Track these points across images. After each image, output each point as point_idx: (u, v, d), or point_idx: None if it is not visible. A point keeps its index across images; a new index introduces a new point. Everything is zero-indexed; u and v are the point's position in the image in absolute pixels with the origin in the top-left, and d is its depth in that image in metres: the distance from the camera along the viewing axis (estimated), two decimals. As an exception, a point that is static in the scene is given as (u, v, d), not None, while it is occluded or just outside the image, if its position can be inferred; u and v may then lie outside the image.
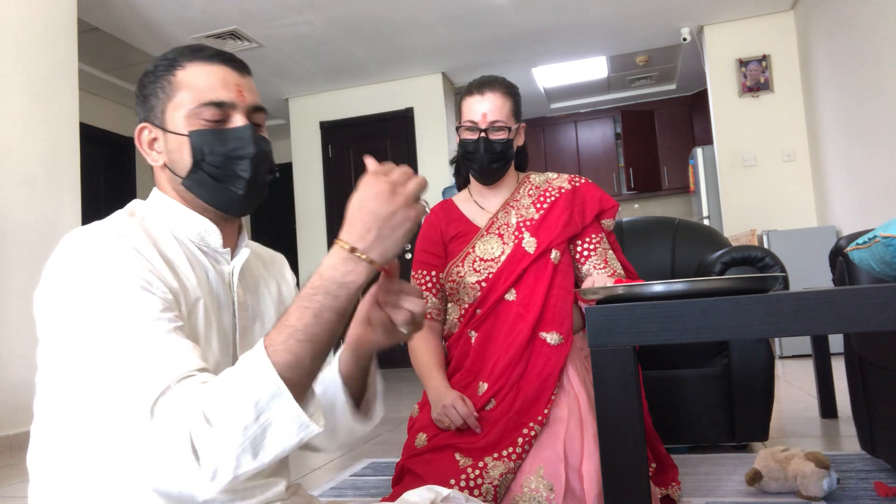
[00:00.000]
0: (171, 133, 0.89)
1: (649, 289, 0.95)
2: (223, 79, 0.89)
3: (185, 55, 0.90)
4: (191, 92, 0.88)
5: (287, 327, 0.73)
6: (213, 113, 0.88)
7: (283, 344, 0.72)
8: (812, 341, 2.72)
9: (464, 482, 1.38)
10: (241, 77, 0.91)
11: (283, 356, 0.71)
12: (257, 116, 0.92)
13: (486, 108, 1.63)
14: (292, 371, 0.71)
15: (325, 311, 0.73)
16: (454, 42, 5.45)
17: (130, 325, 0.74)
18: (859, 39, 4.04)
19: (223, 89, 0.88)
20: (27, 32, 3.34)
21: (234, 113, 0.89)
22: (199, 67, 0.89)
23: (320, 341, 0.74)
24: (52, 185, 3.40)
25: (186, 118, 0.88)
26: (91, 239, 0.80)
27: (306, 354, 0.72)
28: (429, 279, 1.72)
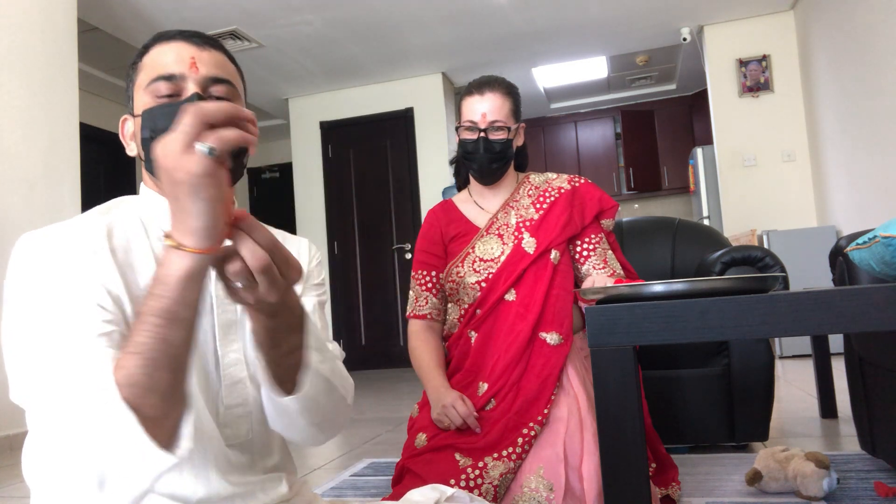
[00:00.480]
0: (136, 117, 0.88)
1: (649, 289, 0.95)
2: (178, 53, 0.87)
3: (153, 40, 0.90)
4: (147, 71, 0.87)
5: (126, 342, 0.68)
6: (164, 87, 0.85)
7: (120, 360, 0.67)
8: (812, 341, 2.72)
9: (464, 482, 1.38)
10: (201, 50, 0.88)
11: (120, 374, 0.66)
12: (217, 88, 0.87)
13: (485, 107, 1.63)
14: (130, 390, 0.65)
15: (149, 314, 0.65)
16: (454, 42, 5.45)
17: (56, 338, 0.72)
18: (859, 39, 4.04)
19: (175, 63, 0.86)
20: (27, 32, 3.34)
21: (185, 85, 0.86)
22: (161, 47, 0.88)
23: (151, 354, 0.65)
24: (52, 185, 3.39)
25: (144, 99, 0.87)
26: (35, 244, 0.79)
27: (137, 370, 0.65)
28: (429, 279, 1.72)
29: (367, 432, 3.04)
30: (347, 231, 6.25)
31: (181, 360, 0.67)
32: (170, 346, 0.66)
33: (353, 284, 6.20)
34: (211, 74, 0.87)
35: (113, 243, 0.83)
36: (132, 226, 0.87)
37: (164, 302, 0.64)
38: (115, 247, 0.83)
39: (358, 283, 6.20)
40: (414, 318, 1.72)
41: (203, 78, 0.86)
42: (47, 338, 0.73)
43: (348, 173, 6.30)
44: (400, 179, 6.18)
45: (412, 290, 1.75)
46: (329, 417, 0.90)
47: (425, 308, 1.71)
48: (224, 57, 0.91)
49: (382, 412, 3.61)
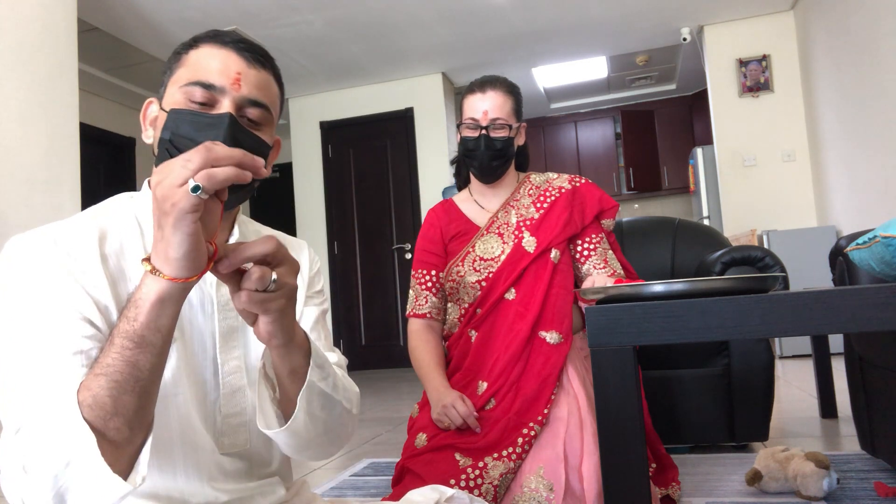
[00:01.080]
0: (162, 110, 0.85)
1: (649, 289, 0.95)
2: (226, 63, 0.83)
3: (207, 37, 0.86)
4: (189, 70, 0.84)
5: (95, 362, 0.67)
6: (200, 94, 0.82)
7: (86, 380, 0.66)
8: (812, 341, 2.72)
9: (464, 482, 1.38)
10: (249, 67, 0.85)
11: (84, 394, 0.65)
12: (252, 111, 0.84)
13: (487, 105, 1.63)
14: (93, 412, 0.64)
15: (119, 336, 0.65)
16: (454, 42, 5.45)
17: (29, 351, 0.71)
18: (859, 39, 4.03)
19: (220, 73, 0.82)
20: (27, 32, 3.34)
21: (222, 99, 0.82)
22: (211, 49, 0.85)
23: (118, 376, 0.64)
24: (52, 185, 3.39)
25: (176, 96, 0.84)
26: (20, 250, 0.78)
27: (102, 392, 0.64)
28: (428, 278, 1.72)
29: (367, 432, 3.04)
30: (347, 231, 6.25)
31: (148, 385, 0.66)
32: (137, 371, 0.65)
33: (353, 284, 6.20)
34: (251, 96, 0.84)
35: (105, 249, 0.81)
36: (127, 228, 0.85)
37: (135, 325, 0.64)
38: (106, 253, 0.81)
39: (358, 283, 6.19)
40: (414, 317, 1.72)
41: (241, 98, 0.83)
42: (21, 351, 0.72)
43: (348, 173, 6.30)
44: (400, 179, 6.18)
45: (412, 290, 1.75)
46: (334, 431, 0.88)
47: (425, 307, 1.71)
48: (270, 77, 0.88)
49: (382, 412, 3.61)
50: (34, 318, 0.73)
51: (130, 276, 0.81)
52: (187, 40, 0.88)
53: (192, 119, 0.81)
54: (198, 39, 0.87)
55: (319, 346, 0.89)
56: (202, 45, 0.86)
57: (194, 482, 0.82)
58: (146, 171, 6.31)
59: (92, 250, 0.79)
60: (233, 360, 0.88)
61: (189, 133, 0.81)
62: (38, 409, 0.67)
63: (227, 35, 0.86)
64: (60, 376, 0.70)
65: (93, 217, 0.84)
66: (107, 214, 0.86)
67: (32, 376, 0.70)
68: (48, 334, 0.72)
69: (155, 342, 0.65)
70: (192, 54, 0.85)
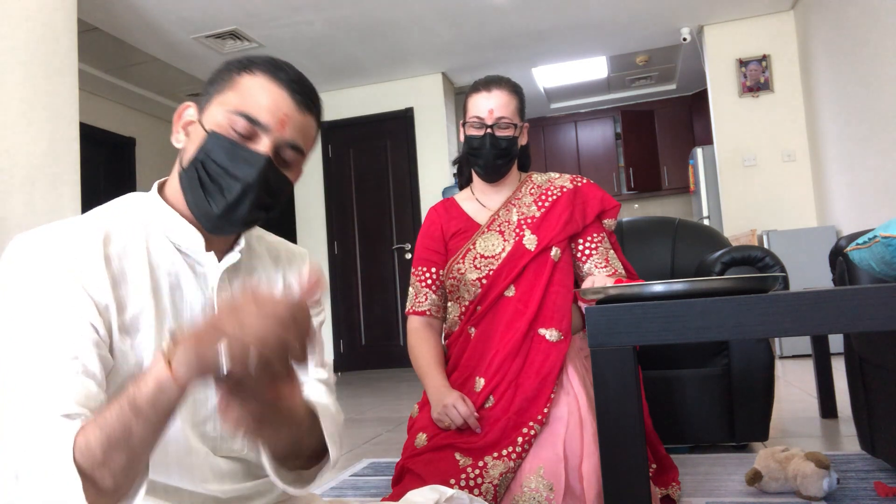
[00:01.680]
0: (201, 124, 0.86)
1: (649, 289, 0.95)
2: (276, 103, 0.84)
3: (264, 65, 0.87)
4: (240, 96, 0.85)
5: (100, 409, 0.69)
6: (242, 126, 0.83)
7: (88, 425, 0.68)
8: (812, 341, 2.72)
9: (464, 482, 1.38)
10: (297, 112, 0.86)
11: (80, 438, 0.67)
12: (288, 153, 0.86)
13: (492, 104, 1.63)
14: (83, 457, 0.66)
15: (123, 398, 0.67)
16: (454, 42, 5.45)
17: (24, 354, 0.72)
18: (859, 39, 4.04)
19: (268, 112, 0.84)
20: (27, 32, 3.34)
21: (263, 136, 0.84)
22: (266, 82, 0.85)
23: (111, 433, 0.66)
24: (52, 185, 3.39)
25: (219, 117, 0.84)
26: (26, 250, 0.78)
27: (96, 443, 0.66)
28: (429, 276, 1.72)
29: (367, 432, 3.04)
30: (347, 231, 6.25)
31: (139, 450, 0.68)
32: (129, 435, 0.66)
33: (353, 284, 6.20)
34: (291, 140, 0.86)
35: (108, 250, 0.81)
36: (132, 231, 0.85)
37: (137, 395, 0.66)
38: (109, 254, 0.81)
39: (358, 283, 6.19)
40: (413, 314, 1.72)
41: (282, 140, 0.85)
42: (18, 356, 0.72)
43: (348, 173, 6.30)
44: (400, 179, 6.18)
45: (412, 287, 1.75)
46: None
47: (424, 304, 1.71)
48: (313, 121, 0.90)
49: (382, 412, 3.61)
50: (33, 322, 0.74)
51: (131, 279, 0.82)
52: (243, 59, 0.88)
53: (230, 149, 0.83)
54: (254, 64, 0.87)
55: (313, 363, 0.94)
56: (258, 72, 0.86)
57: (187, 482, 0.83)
58: (146, 171, 6.31)
59: (96, 250, 0.80)
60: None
61: (223, 161, 0.83)
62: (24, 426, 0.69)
63: (284, 70, 0.87)
64: (54, 387, 0.71)
65: (98, 218, 0.85)
66: (112, 215, 0.86)
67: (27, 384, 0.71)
68: (46, 340, 0.73)
69: (150, 417, 0.67)
70: (246, 80, 0.85)
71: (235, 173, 0.83)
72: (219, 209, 0.84)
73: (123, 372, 0.79)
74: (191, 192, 0.86)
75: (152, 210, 0.88)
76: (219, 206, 0.84)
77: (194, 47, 5.11)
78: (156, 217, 0.88)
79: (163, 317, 0.84)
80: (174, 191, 0.89)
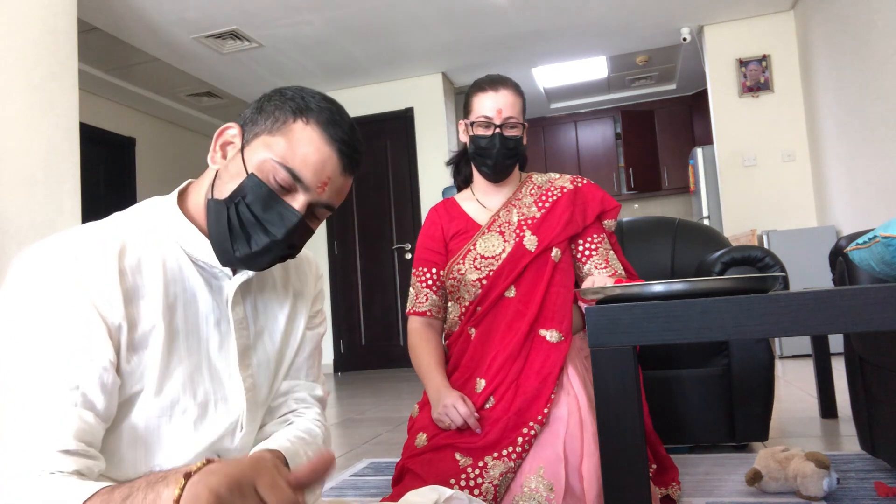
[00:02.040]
0: (242, 158, 0.85)
1: (649, 289, 0.95)
2: (323, 164, 0.83)
3: (320, 116, 0.84)
4: (289, 146, 0.83)
5: (106, 497, 0.67)
6: (283, 179, 0.83)
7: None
8: (812, 341, 2.72)
9: (464, 482, 1.38)
10: (341, 175, 0.86)
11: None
12: (320, 211, 0.87)
13: (500, 104, 1.63)
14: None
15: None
16: (454, 42, 5.45)
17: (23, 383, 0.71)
18: (859, 39, 4.04)
19: (312, 172, 0.83)
20: (27, 32, 3.34)
21: (300, 193, 0.84)
22: (317, 137, 0.84)
23: None
24: (52, 185, 3.39)
25: (262, 162, 0.83)
26: (39, 267, 0.76)
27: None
28: (429, 276, 1.72)
29: (367, 432, 3.04)
30: (347, 231, 6.25)
31: None
32: None
33: (353, 284, 6.20)
34: (327, 202, 0.86)
35: (123, 263, 0.80)
36: (147, 241, 0.84)
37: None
38: (124, 268, 0.80)
39: (358, 283, 6.19)
40: (413, 314, 1.72)
41: (319, 202, 0.85)
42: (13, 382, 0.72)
43: (348, 173, 6.30)
44: (400, 179, 6.18)
45: (412, 287, 1.75)
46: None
47: (425, 305, 1.71)
48: (350, 182, 0.89)
49: (382, 412, 3.61)
50: (37, 344, 0.73)
51: (145, 293, 0.81)
52: (299, 100, 0.85)
53: (267, 197, 0.83)
54: (311, 111, 0.84)
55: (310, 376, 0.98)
56: (312, 124, 0.84)
57: None
58: (146, 171, 6.30)
59: (110, 265, 0.78)
60: (249, 377, 0.90)
61: (258, 210, 0.83)
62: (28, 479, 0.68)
63: (338, 126, 0.85)
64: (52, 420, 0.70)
65: (115, 226, 0.84)
66: (130, 224, 0.85)
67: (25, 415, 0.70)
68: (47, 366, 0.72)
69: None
70: (299, 130, 0.84)
71: (266, 225, 0.83)
72: (240, 255, 0.84)
73: (126, 390, 0.78)
74: (216, 227, 0.85)
75: (171, 221, 0.87)
76: (241, 252, 0.84)
77: (194, 47, 5.11)
78: (174, 229, 0.87)
79: (173, 333, 0.83)
80: (197, 207, 0.88)
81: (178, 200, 0.90)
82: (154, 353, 0.80)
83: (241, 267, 0.87)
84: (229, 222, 0.84)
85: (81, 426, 0.71)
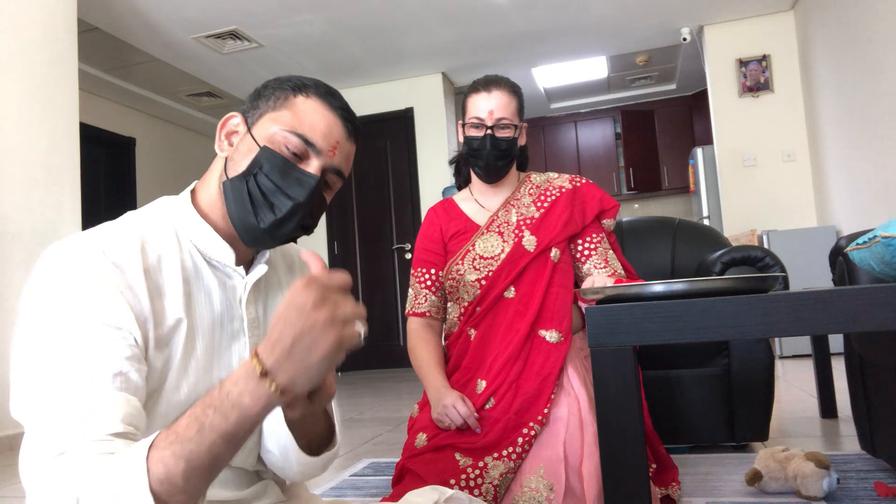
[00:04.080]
0: (251, 137, 0.87)
1: (649, 289, 0.95)
2: (329, 128, 0.87)
3: (318, 91, 0.89)
4: (295, 116, 0.86)
5: (172, 433, 0.65)
6: (296, 146, 0.85)
7: (161, 451, 0.64)
8: (812, 341, 2.72)
9: (464, 482, 1.38)
10: (348, 140, 0.90)
11: (156, 466, 0.64)
12: (332, 178, 0.90)
13: (492, 105, 1.63)
14: (162, 485, 0.64)
15: (211, 430, 0.64)
16: (454, 42, 5.45)
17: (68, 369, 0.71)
18: (859, 39, 4.03)
19: (321, 136, 0.87)
20: (27, 32, 3.34)
21: (313, 158, 0.87)
22: (320, 106, 0.88)
23: (198, 463, 0.64)
24: (52, 186, 3.39)
25: (272, 134, 0.86)
26: (69, 258, 0.76)
27: (178, 472, 0.64)
28: (428, 277, 1.72)
29: (367, 432, 3.04)
30: (347, 231, 6.25)
31: (220, 470, 0.68)
32: (219, 462, 0.66)
33: (353, 284, 6.19)
34: (338, 166, 0.89)
35: (147, 262, 0.80)
36: (165, 240, 0.85)
37: (231, 426, 0.64)
38: (147, 266, 0.80)
39: (358, 283, 6.19)
40: (413, 315, 1.72)
41: (331, 166, 0.88)
42: (58, 368, 0.71)
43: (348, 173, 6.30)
44: (400, 179, 6.18)
45: (411, 288, 1.75)
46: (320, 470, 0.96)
47: (424, 305, 1.71)
48: (354, 150, 0.93)
49: (382, 412, 3.61)
50: (75, 334, 0.72)
51: (165, 292, 0.81)
52: (296, 80, 0.90)
53: (283, 167, 0.85)
54: (307, 87, 0.89)
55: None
56: (312, 96, 0.88)
57: None
58: (146, 171, 6.31)
59: (136, 262, 0.79)
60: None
61: (276, 178, 0.85)
62: (71, 439, 0.68)
63: (336, 98, 0.90)
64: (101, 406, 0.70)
65: (133, 225, 0.84)
66: (146, 223, 0.85)
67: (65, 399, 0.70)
68: (88, 354, 0.72)
69: (243, 438, 0.67)
70: (301, 102, 0.88)
71: (288, 192, 0.85)
72: (265, 224, 0.86)
73: (149, 386, 0.78)
74: (236, 203, 0.86)
75: (185, 220, 0.88)
76: (266, 222, 0.85)
77: (194, 47, 5.11)
78: (188, 228, 0.87)
79: (193, 331, 0.83)
80: (209, 201, 0.89)
81: (192, 198, 0.91)
82: (176, 351, 0.81)
83: (266, 241, 0.88)
84: (250, 195, 0.85)
85: (128, 410, 0.71)
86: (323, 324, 0.62)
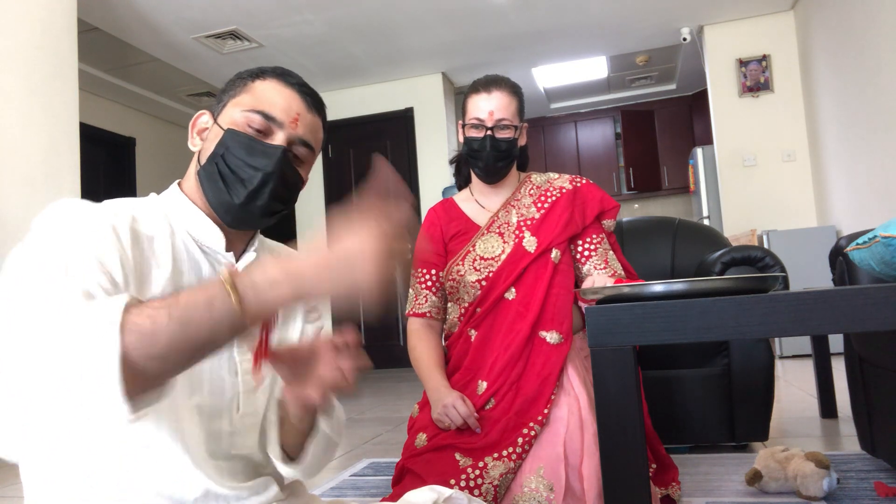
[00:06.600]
0: (217, 125, 0.91)
1: (649, 289, 0.95)
2: (289, 103, 0.91)
3: (274, 73, 0.93)
4: (254, 97, 0.90)
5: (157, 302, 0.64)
6: (259, 122, 0.88)
7: (153, 307, 0.62)
8: (812, 341, 2.72)
9: (464, 482, 1.38)
10: (308, 111, 0.93)
11: (137, 317, 0.61)
12: (300, 150, 0.92)
13: (492, 105, 1.63)
14: (140, 339, 0.60)
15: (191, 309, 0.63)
16: (454, 42, 5.45)
17: (39, 282, 0.68)
18: (859, 39, 4.04)
19: (282, 110, 0.90)
20: (27, 32, 3.34)
21: (277, 132, 0.89)
22: (277, 85, 0.92)
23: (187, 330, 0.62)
24: (52, 185, 3.39)
25: (235, 118, 0.89)
26: (65, 203, 0.79)
27: (163, 333, 0.61)
28: (428, 277, 1.72)
29: (367, 432, 3.04)
30: (347, 231, 6.25)
31: (203, 353, 0.66)
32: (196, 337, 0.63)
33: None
34: (303, 136, 0.92)
35: (137, 227, 0.83)
36: (158, 223, 0.87)
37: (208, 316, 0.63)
38: (138, 231, 0.83)
39: (358, 283, 6.19)
40: (413, 316, 1.72)
41: (295, 136, 0.91)
42: (29, 282, 0.68)
43: (348, 173, 6.30)
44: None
45: (411, 289, 1.75)
46: (323, 464, 1.01)
47: (424, 306, 1.71)
48: (320, 123, 0.96)
49: (382, 412, 3.61)
50: (55, 261, 0.71)
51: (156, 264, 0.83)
52: (254, 69, 0.95)
53: (248, 143, 0.88)
54: (264, 72, 0.93)
55: None
56: (269, 78, 0.92)
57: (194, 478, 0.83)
58: (146, 171, 6.31)
59: (125, 222, 0.81)
60: (247, 361, 0.91)
61: (241, 155, 0.88)
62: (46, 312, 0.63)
63: (293, 76, 0.94)
64: (72, 275, 0.69)
65: (125, 204, 0.87)
66: (139, 207, 0.88)
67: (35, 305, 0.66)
68: (65, 272, 0.70)
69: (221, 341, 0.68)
70: (259, 84, 0.92)
71: (254, 164, 0.88)
72: (239, 199, 0.88)
73: None
74: (210, 186, 0.89)
75: (175, 206, 0.91)
76: (239, 196, 0.88)
77: (194, 47, 5.11)
78: (179, 213, 0.90)
79: None
80: (192, 191, 0.92)
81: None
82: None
83: (246, 218, 0.90)
84: (221, 174, 0.88)
85: (103, 283, 0.71)
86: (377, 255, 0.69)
